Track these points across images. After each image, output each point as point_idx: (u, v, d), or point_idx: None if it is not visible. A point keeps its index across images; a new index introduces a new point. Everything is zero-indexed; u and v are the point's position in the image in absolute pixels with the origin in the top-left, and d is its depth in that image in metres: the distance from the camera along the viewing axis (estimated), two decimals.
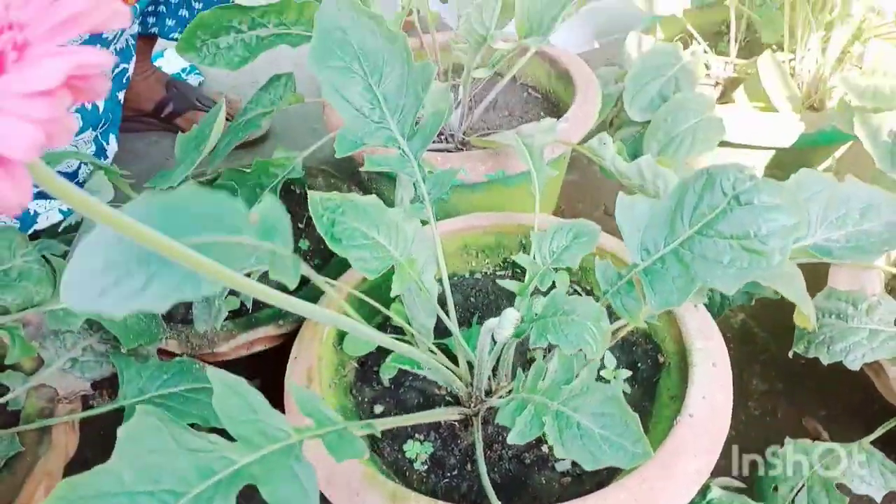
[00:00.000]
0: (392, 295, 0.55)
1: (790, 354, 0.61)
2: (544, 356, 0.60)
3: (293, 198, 0.87)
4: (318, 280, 0.54)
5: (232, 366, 0.69)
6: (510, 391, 0.58)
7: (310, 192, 0.55)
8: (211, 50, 0.78)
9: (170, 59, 1.40)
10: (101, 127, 0.89)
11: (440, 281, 0.59)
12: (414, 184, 0.62)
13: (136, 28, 0.93)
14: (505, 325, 0.48)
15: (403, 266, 0.55)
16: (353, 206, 0.56)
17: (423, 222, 0.59)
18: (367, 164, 0.59)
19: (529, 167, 0.64)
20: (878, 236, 0.55)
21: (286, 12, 0.77)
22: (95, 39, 0.79)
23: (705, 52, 0.92)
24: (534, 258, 0.56)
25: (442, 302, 0.59)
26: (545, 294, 0.55)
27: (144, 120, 1.21)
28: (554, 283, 0.56)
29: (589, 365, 0.50)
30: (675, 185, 0.47)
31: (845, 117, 0.74)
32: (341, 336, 0.64)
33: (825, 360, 0.58)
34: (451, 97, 0.75)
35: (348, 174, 0.90)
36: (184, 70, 1.39)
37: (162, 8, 1.06)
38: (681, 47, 0.85)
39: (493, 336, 0.50)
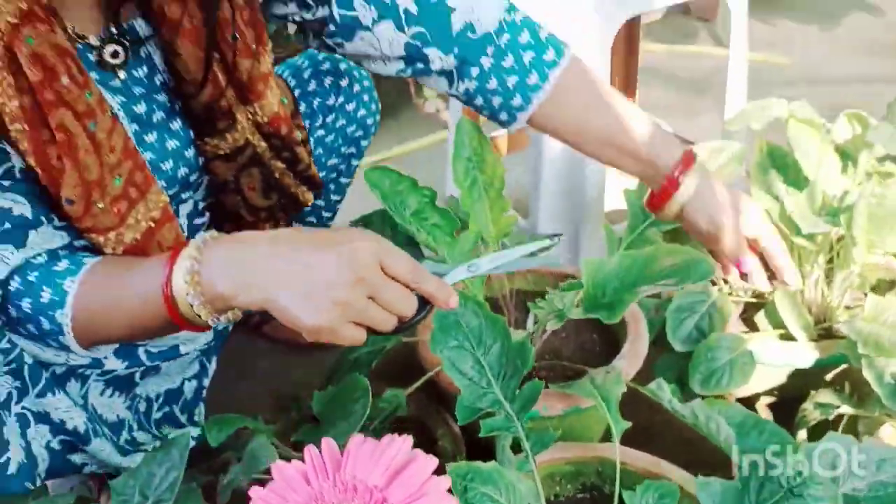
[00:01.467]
0: None
1: None
2: None
3: None
4: None
5: None
6: None
7: (448, 465, 0.70)
8: None
9: None
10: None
11: None
12: (516, 440, 0.77)
13: None
14: None
15: None
16: (479, 472, 0.70)
17: None
18: (483, 429, 0.74)
19: (608, 419, 0.79)
20: (893, 486, 0.69)
21: None
22: None
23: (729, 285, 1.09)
24: None
25: None
26: None
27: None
28: None
29: None
30: (740, 473, 0.63)
31: (853, 353, 0.91)
32: None
33: None
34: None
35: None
36: None
37: None
38: (709, 283, 1.02)
39: None
